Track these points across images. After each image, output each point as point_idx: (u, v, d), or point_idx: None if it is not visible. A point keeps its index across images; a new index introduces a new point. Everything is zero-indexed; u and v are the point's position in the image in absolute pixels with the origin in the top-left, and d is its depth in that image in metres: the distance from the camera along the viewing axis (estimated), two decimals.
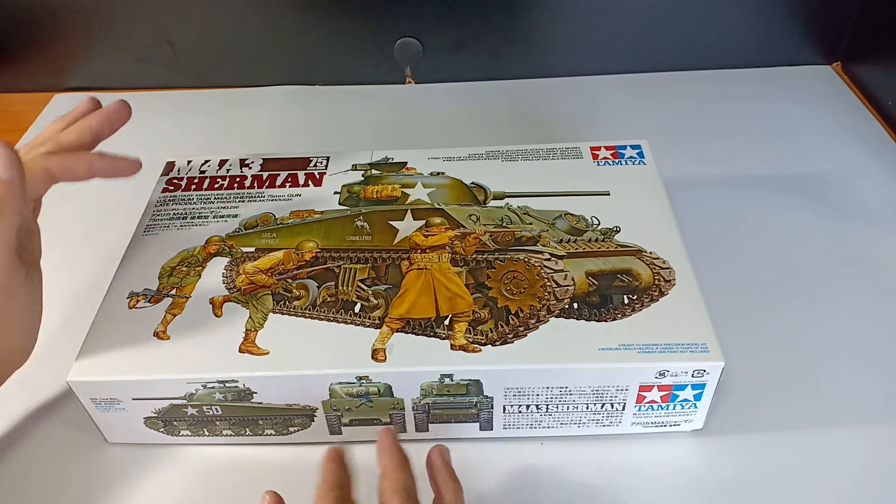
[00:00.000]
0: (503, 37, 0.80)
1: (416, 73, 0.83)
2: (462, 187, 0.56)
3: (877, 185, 0.66)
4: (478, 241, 0.51)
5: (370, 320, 0.47)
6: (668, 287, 0.47)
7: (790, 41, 0.81)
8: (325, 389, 0.45)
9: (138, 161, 0.51)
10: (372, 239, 0.52)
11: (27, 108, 0.82)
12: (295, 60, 0.83)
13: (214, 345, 0.46)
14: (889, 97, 0.75)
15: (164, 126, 0.78)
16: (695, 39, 0.81)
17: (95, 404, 0.46)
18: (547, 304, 0.47)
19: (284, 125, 0.78)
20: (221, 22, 0.80)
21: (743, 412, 0.49)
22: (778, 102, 0.77)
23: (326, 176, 0.58)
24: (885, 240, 0.61)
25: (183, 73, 0.84)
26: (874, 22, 0.77)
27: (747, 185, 0.67)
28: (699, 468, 0.47)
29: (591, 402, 0.46)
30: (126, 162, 0.50)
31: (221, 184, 0.58)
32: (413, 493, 0.38)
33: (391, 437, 0.40)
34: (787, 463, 0.46)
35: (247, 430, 0.48)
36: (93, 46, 0.82)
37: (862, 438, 0.47)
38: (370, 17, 0.79)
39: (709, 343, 0.44)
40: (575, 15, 0.79)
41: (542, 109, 0.78)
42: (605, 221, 0.52)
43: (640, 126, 0.74)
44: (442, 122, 0.77)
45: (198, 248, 0.53)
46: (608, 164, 0.57)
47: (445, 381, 0.44)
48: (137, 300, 0.49)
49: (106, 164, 0.49)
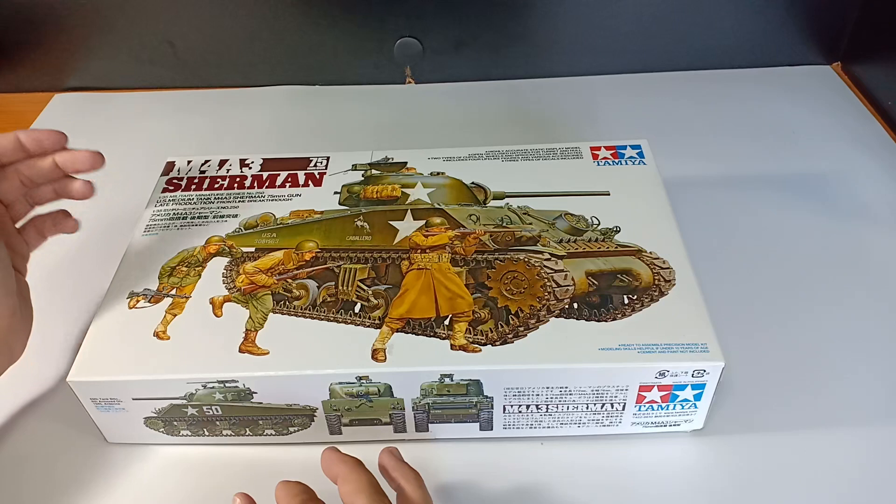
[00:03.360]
0: (503, 37, 0.80)
1: (416, 73, 0.83)
2: (462, 187, 0.56)
3: (877, 185, 0.66)
4: (478, 241, 0.51)
5: (370, 320, 0.47)
6: (668, 287, 0.47)
7: (790, 41, 0.81)
8: (325, 389, 0.45)
9: (99, 155, 0.50)
10: (372, 239, 0.52)
11: (27, 108, 0.82)
12: (295, 60, 0.83)
13: (214, 345, 0.46)
14: (889, 97, 0.75)
15: (164, 126, 0.79)
16: (695, 39, 0.81)
17: (95, 404, 0.46)
18: (547, 304, 0.47)
19: (284, 125, 0.78)
20: (221, 22, 0.80)
21: (743, 412, 0.49)
22: (778, 102, 0.77)
23: (326, 176, 0.58)
24: (885, 240, 0.61)
25: (183, 73, 0.84)
26: (874, 22, 0.77)
27: (747, 185, 0.67)
28: (699, 468, 0.47)
29: (591, 402, 0.46)
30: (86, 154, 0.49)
31: (221, 184, 0.58)
32: (377, 487, 0.38)
33: (334, 451, 0.40)
34: (787, 463, 0.46)
35: (247, 430, 0.48)
36: (93, 46, 0.82)
37: (862, 438, 0.47)
38: (370, 17, 0.79)
39: (709, 343, 0.44)
40: (575, 15, 0.79)
41: (542, 109, 0.78)
42: (605, 221, 0.52)
43: (640, 126, 0.74)
44: (442, 122, 0.77)
45: (198, 248, 0.53)
46: (608, 164, 0.57)
47: (445, 381, 0.44)
48: (137, 300, 0.49)
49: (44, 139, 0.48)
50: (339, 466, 0.39)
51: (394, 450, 0.42)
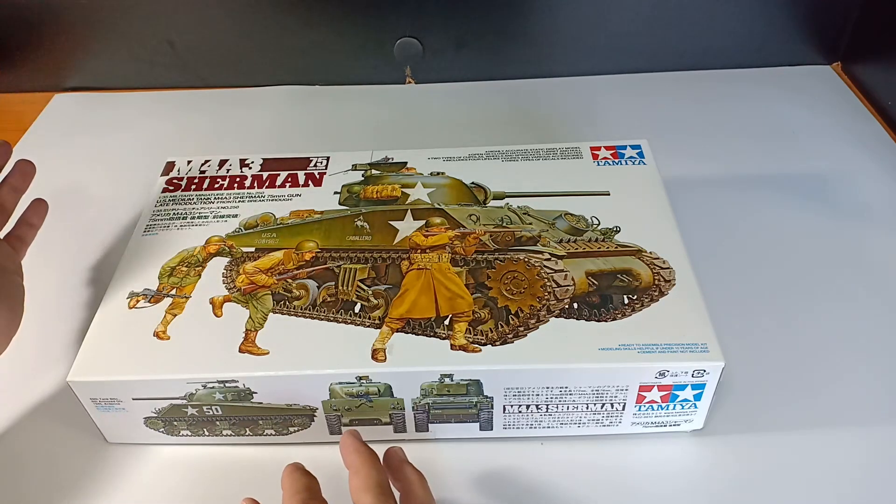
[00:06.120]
0: (503, 37, 0.80)
1: (416, 73, 0.83)
2: (462, 187, 0.56)
3: (877, 185, 0.66)
4: (478, 241, 0.51)
5: (370, 320, 0.47)
6: (668, 287, 0.47)
7: (790, 41, 0.81)
8: (325, 389, 0.45)
9: None
10: (372, 239, 0.52)
11: (27, 108, 0.82)
12: (295, 60, 0.83)
13: (214, 345, 0.46)
14: (889, 97, 0.75)
15: (164, 126, 0.79)
16: (695, 39, 0.81)
17: (95, 404, 0.46)
18: (547, 304, 0.47)
19: (284, 125, 0.78)
20: (221, 22, 0.80)
21: (743, 412, 0.49)
22: (778, 102, 0.77)
23: (326, 176, 0.58)
24: (885, 240, 0.61)
25: (183, 73, 0.84)
26: (874, 22, 0.77)
27: (747, 185, 0.67)
28: (699, 468, 0.47)
29: (591, 402, 0.46)
30: None
31: (221, 184, 0.58)
32: (386, 487, 0.38)
33: (355, 437, 0.40)
34: (787, 463, 0.46)
35: (247, 430, 0.48)
36: (93, 46, 0.82)
37: (862, 438, 0.47)
38: (370, 17, 0.79)
39: (709, 343, 0.44)
40: (575, 15, 0.79)
41: (542, 109, 0.78)
42: (605, 221, 0.52)
43: (640, 126, 0.74)
44: (442, 122, 0.77)
45: (198, 248, 0.53)
46: (608, 164, 0.57)
47: (445, 381, 0.44)
48: (137, 300, 0.49)
49: None
50: (354, 457, 0.39)
51: (398, 449, 0.42)
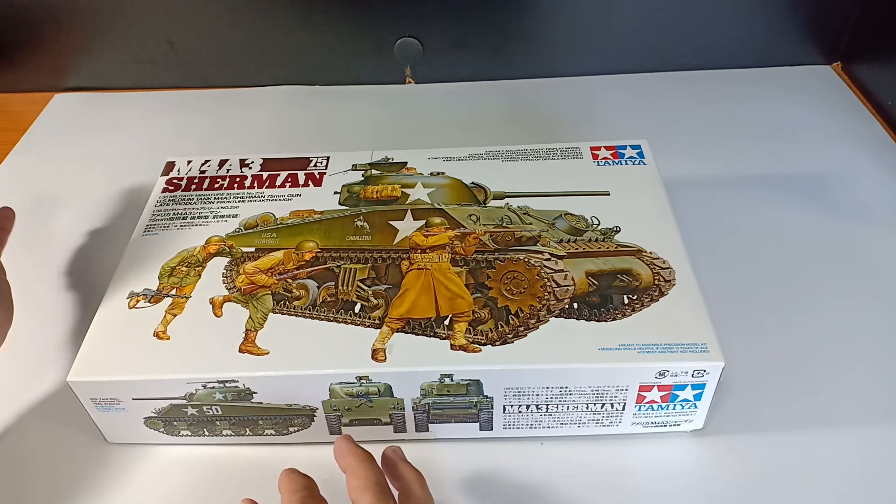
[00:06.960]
0: (503, 37, 0.80)
1: (416, 73, 0.83)
2: (462, 187, 0.56)
3: (877, 185, 0.66)
4: (478, 241, 0.51)
5: (370, 320, 0.47)
6: (668, 287, 0.47)
7: (790, 41, 0.81)
8: (325, 389, 0.45)
9: None
10: (372, 239, 0.52)
11: (27, 108, 0.82)
12: (295, 60, 0.83)
13: (214, 345, 0.46)
14: (889, 97, 0.75)
15: (164, 126, 0.79)
16: (695, 39, 0.81)
17: (95, 404, 0.46)
18: (547, 304, 0.47)
19: (284, 125, 0.78)
20: (221, 22, 0.80)
21: (743, 412, 0.49)
22: (778, 102, 0.77)
23: (326, 176, 0.58)
24: (885, 240, 0.61)
25: (183, 73, 0.84)
26: (874, 22, 0.77)
27: (747, 185, 0.67)
28: (699, 468, 0.47)
29: (591, 402, 0.46)
30: None
31: (221, 184, 0.58)
32: (385, 486, 0.38)
33: (348, 441, 0.41)
34: (788, 463, 0.46)
35: (247, 430, 0.48)
36: (93, 46, 0.82)
37: (862, 438, 0.47)
38: (370, 17, 0.79)
39: (709, 343, 0.44)
40: (575, 15, 0.79)
41: (542, 109, 0.78)
42: (605, 221, 0.52)
43: (640, 126, 0.74)
44: (442, 122, 0.77)
45: (198, 248, 0.53)
46: (608, 164, 0.57)
47: (445, 381, 0.44)
48: (137, 300, 0.49)
49: None
50: (350, 459, 0.39)
51: (397, 449, 0.42)
